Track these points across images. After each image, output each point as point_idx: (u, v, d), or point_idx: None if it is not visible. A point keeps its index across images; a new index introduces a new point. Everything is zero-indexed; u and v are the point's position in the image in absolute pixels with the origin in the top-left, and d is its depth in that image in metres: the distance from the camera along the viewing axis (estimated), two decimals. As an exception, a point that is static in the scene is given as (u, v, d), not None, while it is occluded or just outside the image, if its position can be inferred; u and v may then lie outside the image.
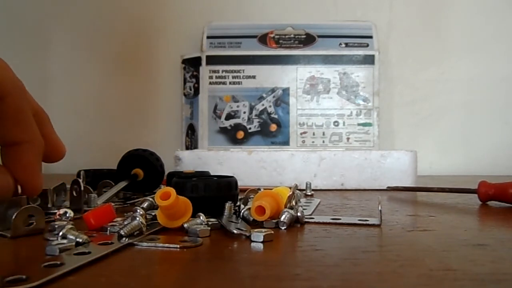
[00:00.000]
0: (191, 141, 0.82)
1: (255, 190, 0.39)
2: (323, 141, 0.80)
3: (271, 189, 0.36)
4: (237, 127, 0.80)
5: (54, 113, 0.98)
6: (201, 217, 0.32)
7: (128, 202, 0.46)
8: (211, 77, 0.80)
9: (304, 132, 0.80)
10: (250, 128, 0.80)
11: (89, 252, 0.24)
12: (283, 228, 0.32)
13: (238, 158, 0.59)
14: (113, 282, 0.21)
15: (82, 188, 0.39)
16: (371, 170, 0.58)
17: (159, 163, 0.51)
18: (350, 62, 0.80)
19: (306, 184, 0.51)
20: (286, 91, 0.80)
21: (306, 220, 0.34)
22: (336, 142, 0.80)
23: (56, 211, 0.30)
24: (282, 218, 0.32)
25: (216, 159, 0.59)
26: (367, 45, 0.81)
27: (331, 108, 0.80)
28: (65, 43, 0.91)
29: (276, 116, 0.80)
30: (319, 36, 0.82)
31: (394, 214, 0.39)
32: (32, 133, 0.28)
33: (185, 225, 0.31)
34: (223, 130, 0.80)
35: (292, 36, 0.82)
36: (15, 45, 0.91)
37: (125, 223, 0.29)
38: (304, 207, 0.40)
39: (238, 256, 0.26)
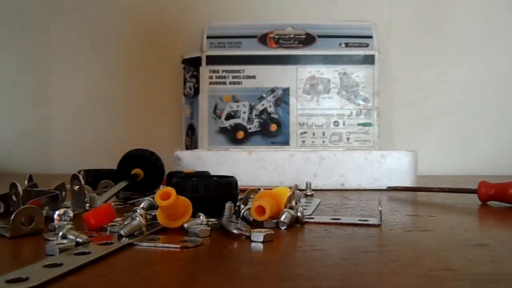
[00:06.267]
0: (191, 141, 0.82)
1: (255, 190, 0.39)
2: (323, 141, 0.80)
3: (271, 189, 0.36)
4: (237, 127, 0.80)
5: (54, 113, 0.98)
6: (201, 217, 0.32)
7: (128, 202, 0.46)
8: (211, 77, 0.80)
9: (304, 132, 0.80)
10: (250, 128, 0.80)
11: (89, 252, 0.24)
12: (283, 228, 0.32)
13: (238, 158, 0.59)
14: (113, 282, 0.21)
15: (83, 183, 0.39)
16: (371, 170, 0.58)
17: (159, 163, 0.51)
18: (350, 62, 0.80)
19: (306, 184, 0.51)
20: (286, 91, 0.80)
21: (306, 220, 0.34)
22: (336, 142, 0.80)
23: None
24: (282, 218, 0.32)
25: (216, 159, 0.59)
26: (367, 45, 0.81)
27: (331, 108, 0.80)
28: (65, 43, 0.91)
29: (276, 116, 0.80)
30: (319, 36, 0.82)
31: (394, 214, 0.39)
32: None
33: (185, 225, 0.31)
34: (223, 130, 0.80)
35: (292, 36, 0.82)
36: (15, 45, 0.91)
37: (125, 223, 0.29)
38: (304, 207, 0.40)
39: (238, 256, 0.26)
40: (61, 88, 0.91)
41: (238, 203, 0.37)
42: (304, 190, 0.50)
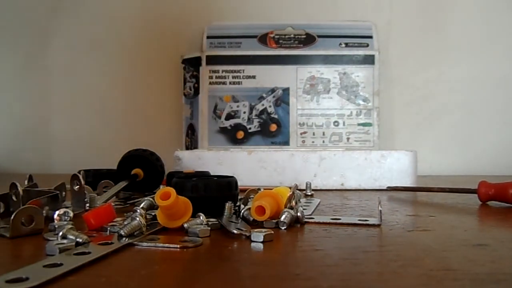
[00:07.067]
0: (191, 141, 0.82)
1: (255, 190, 0.39)
2: (323, 141, 0.80)
3: (271, 189, 0.36)
4: (237, 127, 0.80)
5: (54, 113, 0.98)
6: (201, 217, 0.32)
7: (128, 202, 0.46)
8: (211, 77, 0.80)
9: (304, 132, 0.80)
10: (250, 128, 0.80)
11: (89, 252, 0.24)
12: (283, 228, 0.32)
13: (238, 158, 0.59)
14: (113, 282, 0.21)
15: (83, 183, 0.39)
16: (371, 170, 0.58)
17: (159, 163, 0.51)
18: (350, 62, 0.80)
19: (306, 184, 0.51)
20: (286, 91, 0.80)
21: (306, 220, 0.34)
22: (336, 142, 0.80)
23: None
24: (282, 218, 0.32)
25: (216, 159, 0.59)
26: (367, 45, 0.81)
27: (331, 108, 0.80)
28: (65, 44, 0.91)
29: (276, 116, 0.80)
30: (319, 36, 0.82)
31: (394, 214, 0.39)
32: None
33: (185, 225, 0.31)
34: (223, 130, 0.80)
35: (292, 36, 0.82)
36: (15, 46, 0.91)
37: (125, 223, 0.29)
38: (304, 207, 0.40)
39: (238, 256, 0.26)
40: (61, 88, 0.91)
41: (238, 203, 0.37)
42: (304, 190, 0.50)
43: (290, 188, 0.36)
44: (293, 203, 0.34)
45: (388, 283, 0.21)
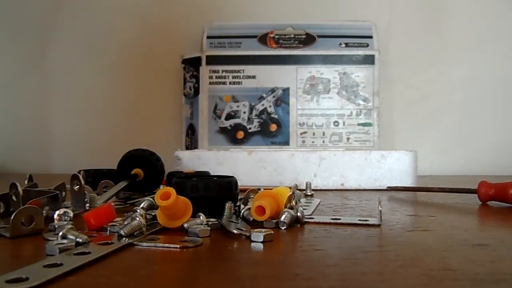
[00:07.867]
0: (191, 141, 0.82)
1: (255, 190, 0.39)
2: (323, 141, 0.80)
3: (271, 189, 0.36)
4: (237, 127, 0.80)
5: (54, 113, 0.98)
6: (201, 217, 0.32)
7: (128, 202, 0.46)
8: (211, 77, 0.80)
9: (304, 132, 0.80)
10: (250, 128, 0.80)
11: (89, 252, 0.24)
12: (283, 228, 0.32)
13: (238, 158, 0.59)
14: (113, 282, 0.21)
15: (83, 183, 0.39)
16: (371, 170, 0.58)
17: (159, 163, 0.51)
18: (350, 62, 0.80)
19: (306, 184, 0.51)
20: (286, 91, 0.80)
21: (306, 220, 0.34)
22: (336, 142, 0.80)
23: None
24: (282, 218, 0.32)
25: (216, 159, 0.59)
26: (367, 45, 0.81)
27: (331, 108, 0.80)
28: (65, 44, 0.91)
29: (276, 116, 0.80)
30: (319, 36, 0.82)
31: (394, 214, 0.39)
32: None
33: (185, 225, 0.31)
34: (223, 130, 0.80)
35: (292, 36, 0.82)
36: (15, 46, 0.91)
37: (125, 223, 0.29)
38: (304, 207, 0.40)
39: (238, 256, 0.26)
40: (61, 88, 0.91)
41: (238, 203, 0.37)
42: (304, 190, 0.50)
43: (290, 188, 0.36)
44: (293, 203, 0.34)
45: (388, 283, 0.21)
